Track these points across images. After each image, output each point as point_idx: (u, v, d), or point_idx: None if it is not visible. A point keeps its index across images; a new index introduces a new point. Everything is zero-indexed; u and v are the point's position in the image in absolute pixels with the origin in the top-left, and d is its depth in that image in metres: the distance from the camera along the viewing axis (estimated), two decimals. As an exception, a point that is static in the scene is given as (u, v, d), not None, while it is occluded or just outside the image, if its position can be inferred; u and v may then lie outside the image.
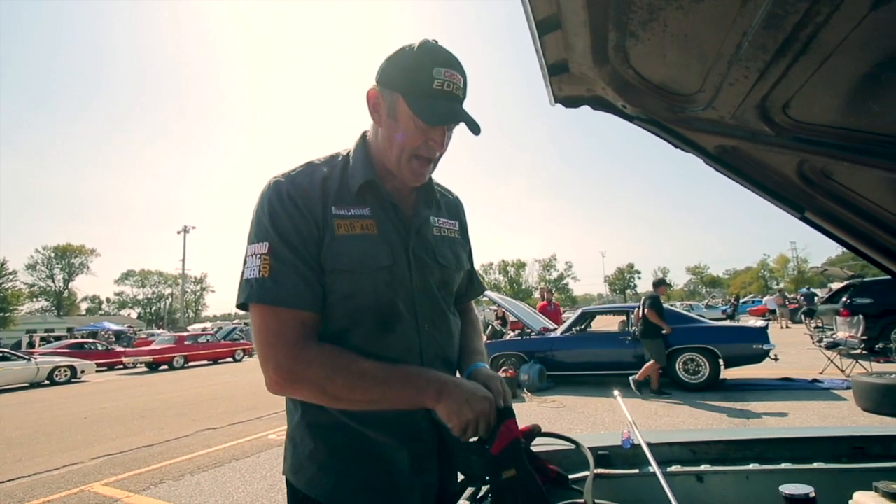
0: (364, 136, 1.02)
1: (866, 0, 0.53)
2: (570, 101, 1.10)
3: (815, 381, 6.97)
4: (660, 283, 7.34)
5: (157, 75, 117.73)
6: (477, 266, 1.27)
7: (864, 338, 8.10)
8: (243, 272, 0.90)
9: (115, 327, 34.30)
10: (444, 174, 1.19)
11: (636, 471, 1.09)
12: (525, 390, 7.44)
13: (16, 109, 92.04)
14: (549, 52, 0.93)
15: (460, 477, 0.98)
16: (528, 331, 8.79)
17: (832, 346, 7.82)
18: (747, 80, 0.77)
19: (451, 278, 1.05)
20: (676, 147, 1.08)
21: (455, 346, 1.05)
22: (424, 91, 0.87)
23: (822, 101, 0.75)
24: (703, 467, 1.08)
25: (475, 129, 0.90)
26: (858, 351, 7.65)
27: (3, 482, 4.60)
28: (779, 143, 0.86)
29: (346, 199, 0.94)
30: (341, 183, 0.96)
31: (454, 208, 1.16)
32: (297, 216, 0.89)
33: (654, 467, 0.94)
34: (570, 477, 1.00)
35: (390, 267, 0.93)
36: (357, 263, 0.90)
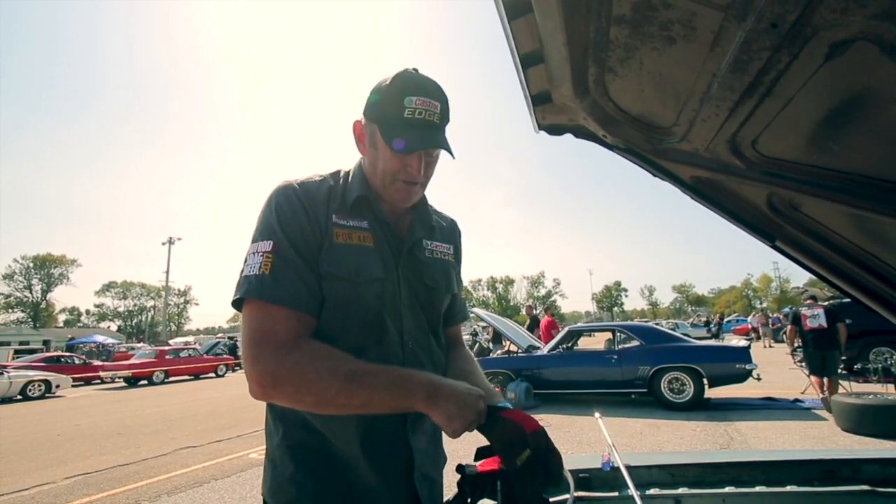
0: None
1: (820, 52, 0.58)
2: (554, 129, 1.14)
3: (796, 400, 7.07)
4: (812, 295, 7.27)
5: (144, 87, 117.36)
6: (465, 282, 1.28)
7: (844, 358, 8.25)
8: (243, 269, 0.89)
9: (110, 340, 33.19)
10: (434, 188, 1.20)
11: (615, 494, 1.10)
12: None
13: (3, 116, 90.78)
14: (533, 84, 0.97)
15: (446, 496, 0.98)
16: (515, 348, 8.78)
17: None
18: (718, 117, 0.81)
19: (438, 300, 1.06)
20: (654, 175, 1.13)
21: (438, 369, 1.06)
22: (397, 120, 0.90)
23: (787, 139, 0.79)
24: (680, 490, 1.10)
25: (450, 153, 0.94)
26: (838, 371, 7.78)
27: (-32, 503, 4.41)
28: (749, 176, 0.91)
29: (346, 211, 0.97)
30: (342, 196, 0.99)
31: (450, 232, 1.18)
32: (303, 218, 0.92)
33: (632, 490, 0.96)
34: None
35: (382, 280, 0.95)
36: (352, 272, 0.92)
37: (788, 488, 1.06)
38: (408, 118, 0.89)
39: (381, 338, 0.95)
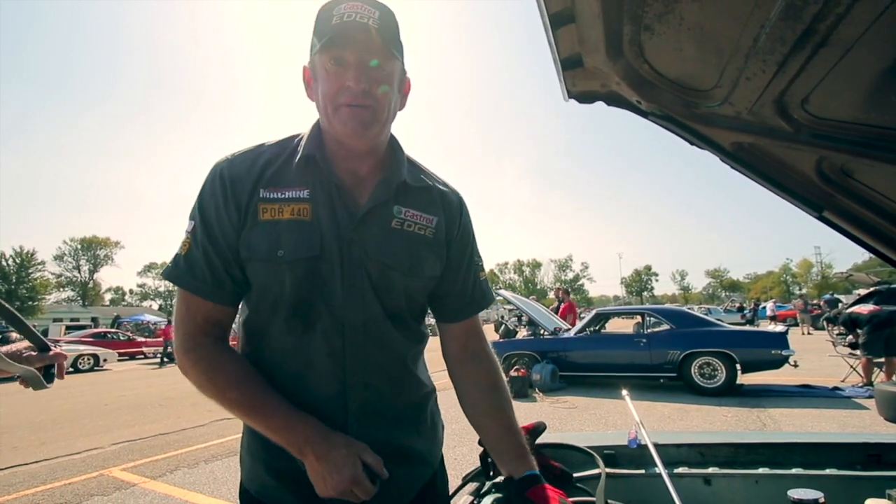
0: None
1: (888, -11, 0.52)
2: (584, 97, 1.08)
3: (835, 388, 6.79)
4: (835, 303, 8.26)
5: (175, 67, 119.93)
6: (492, 265, 1.17)
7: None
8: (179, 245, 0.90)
9: (155, 319, 36.13)
10: (450, 162, 1.11)
11: (642, 471, 1.08)
12: (537, 390, 7.41)
13: (34, 102, 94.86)
14: (563, 46, 0.92)
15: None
16: (542, 331, 8.74)
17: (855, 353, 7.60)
18: (765, 73, 0.75)
19: (395, 282, 0.90)
20: (692, 144, 1.06)
21: (399, 359, 0.94)
22: (325, 31, 0.81)
23: (842, 96, 0.73)
24: (710, 470, 1.06)
25: (393, 48, 0.83)
26: (882, 359, 7.42)
27: (27, 464, 4.76)
28: (797, 140, 0.84)
29: (284, 181, 0.88)
30: (284, 163, 0.90)
31: (438, 202, 0.98)
32: (221, 201, 0.86)
33: (660, 468, 0.93)
34: (575, 475, 0.99)
35: (316, 258, 0.85)
36: (268, 252, 0.84)
37: (828, 471, 1.01)
38: (336, 24, 0.80)
39: (316, 324, 0.86)
